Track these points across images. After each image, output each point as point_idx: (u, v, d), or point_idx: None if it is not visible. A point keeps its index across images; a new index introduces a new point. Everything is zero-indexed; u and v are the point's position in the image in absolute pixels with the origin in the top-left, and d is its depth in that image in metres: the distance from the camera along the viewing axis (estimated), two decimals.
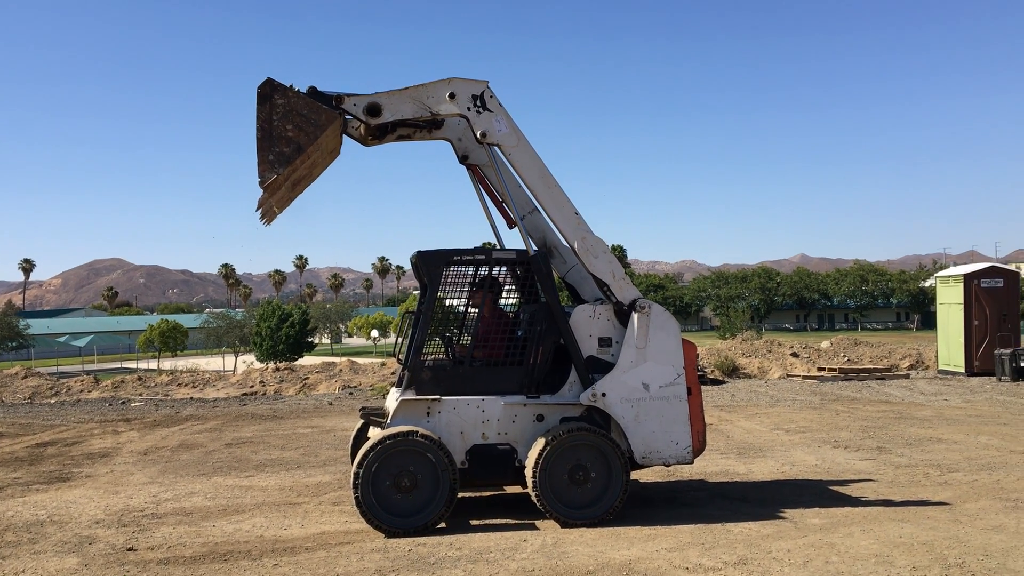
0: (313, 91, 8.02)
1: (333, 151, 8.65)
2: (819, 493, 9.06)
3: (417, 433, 7.67)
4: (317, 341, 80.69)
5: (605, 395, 8.08)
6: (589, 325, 8.29)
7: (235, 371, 36.28)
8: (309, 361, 34.07)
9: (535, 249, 8.45)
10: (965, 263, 34.20)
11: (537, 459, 7.73)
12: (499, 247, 9.09)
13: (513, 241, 8.98)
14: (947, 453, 11.20)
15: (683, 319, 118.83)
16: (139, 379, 25.81)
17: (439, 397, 7.98)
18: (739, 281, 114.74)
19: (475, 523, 7.98)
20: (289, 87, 7.78)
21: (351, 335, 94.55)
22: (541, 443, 7.78)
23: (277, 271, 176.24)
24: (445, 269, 8.27)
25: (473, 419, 8.01)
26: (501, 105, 8.20)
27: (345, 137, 8.71)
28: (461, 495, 8.81)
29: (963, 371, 22.31)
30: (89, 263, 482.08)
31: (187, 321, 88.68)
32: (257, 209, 8.25)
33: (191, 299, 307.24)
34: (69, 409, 19.52)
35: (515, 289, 8.74)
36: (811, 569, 6.46)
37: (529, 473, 7.79)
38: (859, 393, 18.90)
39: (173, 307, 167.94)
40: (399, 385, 8.34)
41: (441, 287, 8.30)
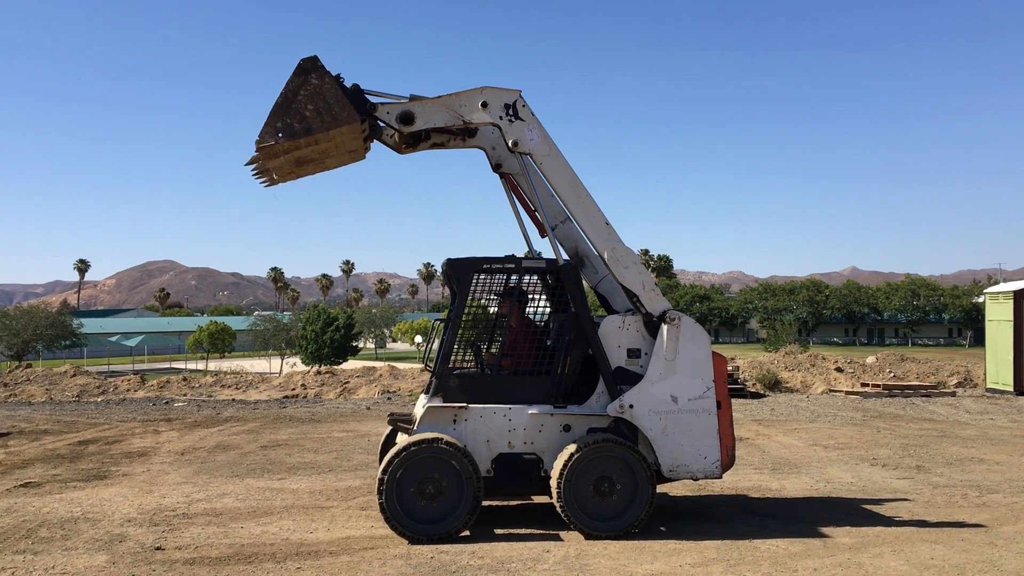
0: (356, 89, 8.08)
1: (353, 152, 8.67)
2: (852, 511, 8.89)
3: (442, 440, 7.68)
4: (362, 345, 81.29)
5: (633, 407, 8.02)
6: (618, 336, 8.24)
7: (280, 374, 36.66)
8: (351, 365, 34.32)
9: (565, 258, 8.43)
10: (1021, 279, 33.40)
11: (562, 469, 7.70)
12: (531, 256, 9.09)
13: (548, 251, 8.97)
14: (988, 474, 10.94)
15: (729, 331, 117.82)
16: (184, 380, 26.21)
17: (466, 405, 7.99)
18: (787, 293, 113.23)
19: (499, 532, 7.96)
20: (332, 74, 7.84)
21: (395, 340, 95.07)
22: (567, 453, 7.75)
23: (324, 275, 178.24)
24: (474, 277, 8.27)
25: (499, 428, 8.00)
26: (533, 114, 8.21)
27: (381, 145, 8.78)
28: (488, 504, 8.83)
29: (1012, 390, 21.78)
30: (142, 264, 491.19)
31: (236, 323, 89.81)
32: (247, 164, 8.30)
33: (241, 302, 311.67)
34: (114, 408, 19.88)
35: (544, 298, 8.72)
36: None
37: (554, 483, 7.76)
38: (902, 410, 18.54)
39: (223, 309, 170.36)
40: (427, 392, 8.36)
41: (470, 295, 8.30)
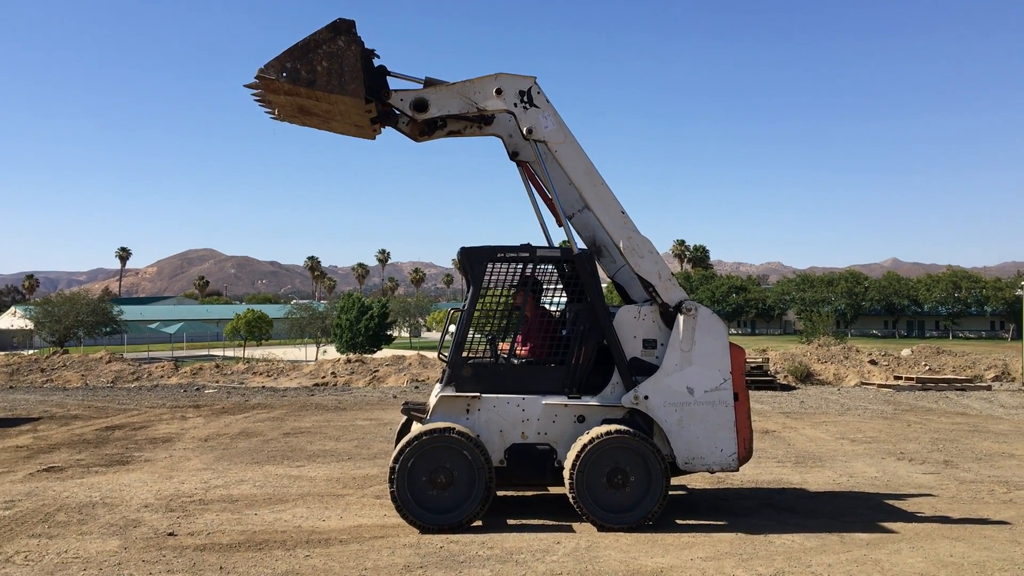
0: (380, 70, 8.03)
1: (360, 128, 8.59)
2: (873, 506, 8.73)
3: (454, 430, 7.64)
4: (396, 334, 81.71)
5: (648, 398, 7.92)
6: (634, 326, 8.14)
7: (316, 361, 36.90)
8: (381, 355, 34.45)
9: (580, 247, 8.33)
10: None
11: (575, 460, 7.62)
12: (551, 245, 8.99)
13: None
14: (1017, 470, 10.69)
15: (766, 322, 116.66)
16: (216, 367, 26.48)
17: (479, 395, 7.93)
18: (825, 285, 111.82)
19: (512, 523, 7.90)
20: (362, 44, 7.76)
21: (430, 329, 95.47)
22: (580, 444, 7.67)
23: (361, 264, 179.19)
24: (489, 266, 8.19)
25: (513, 418, 7.94)
26: (548, 101, 8.11)
27: (396, 133, 8.73)
28: (502, 494, 8.78)
29: None
30: (183, 252, 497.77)
31: (272, 312, 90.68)
32: (247, 86, 8.21)
33: (279, 290, 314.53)
34: (145, 394, 20.13)
35: (560, 288, 8.62)
36: None
37: (567, 474, 7.68)
38: (935, 404, 18.21)
39: (260, 297, 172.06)
40: (442, 381, 8.32)
41: (485, 284, 8.22)
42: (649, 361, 8.09)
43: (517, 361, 8.23)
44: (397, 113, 8.39)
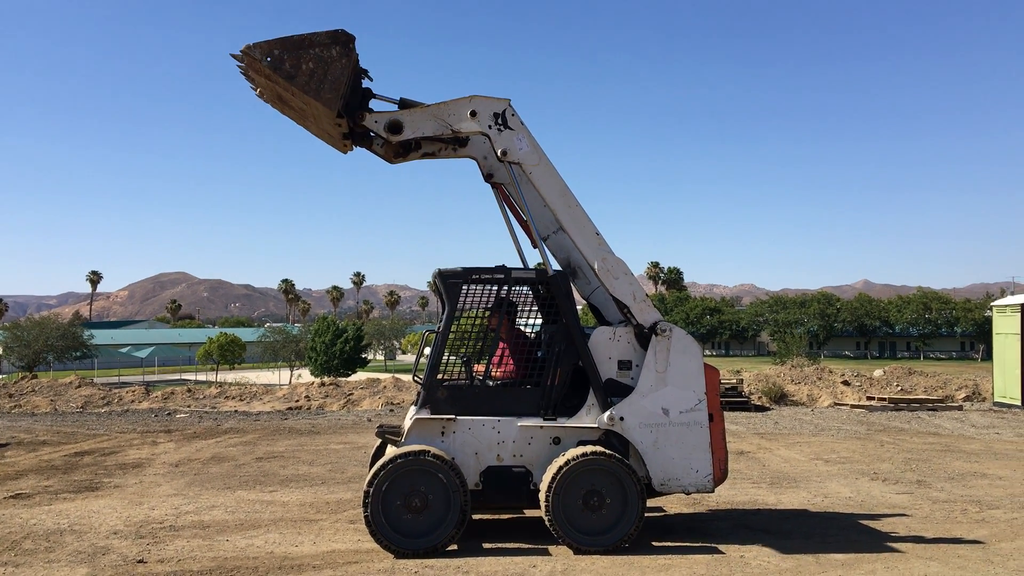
0: (364, 92, 8.08)
1: (331, 137, 8.63)
2: (847, 527, 8.75)
3: (429, 453, 7.59)
4: (371, 357, 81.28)
5: (623, 419, 7.92)
6: (609, 347, 8.14)
7: (290, 384, 36.62)
8: (356, 378, 34.24)
9: (555, 269, 8.34)
10: None
11: (551, 483, 7.58)
12: (526, 266, 8.98)
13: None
14: (990, 489, 10.77)
15: (739, 344, 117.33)
16: (188, 391, 26.18)
17: (454, 417, 7.89)
18: (797, 306, 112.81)
19: (488, 546, 7.84)
20: (356, 61, 7.79)
21: (405, 352, 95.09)
22: (555, 467, 7.64)
23: (335, 287, 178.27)
24: (464, 288, 8.17)
25: (488, 440, 7.90)
26: (523, 123, 8.14)
27: (371, 155, 8.71)
28: (478, 517, 8.72)
29: (1019, 403, 21.53)
30: (155, 276, 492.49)
31: (246, 335, 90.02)
32: (232, 55, 8.10)
33: (252, 313, 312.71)
34: (116, 419, 19.86)
35: (535, 309, 8.61)
36: None
37: (543, 497, 7.64)
38: (907, 424, 18.34)
39: (234, 321, 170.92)
40: (416, 404, 8.27)
41: (460, 306, 8.20)
42: (624, 382, 8.09)
43: (492, 383, 8.20)
44: (372, 135, 8.38)
